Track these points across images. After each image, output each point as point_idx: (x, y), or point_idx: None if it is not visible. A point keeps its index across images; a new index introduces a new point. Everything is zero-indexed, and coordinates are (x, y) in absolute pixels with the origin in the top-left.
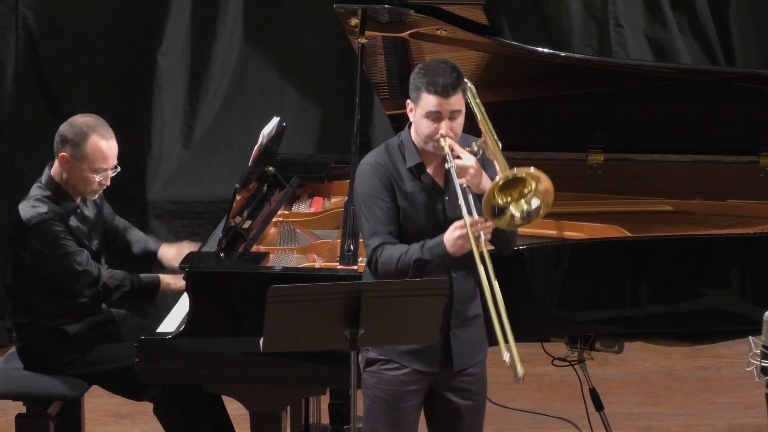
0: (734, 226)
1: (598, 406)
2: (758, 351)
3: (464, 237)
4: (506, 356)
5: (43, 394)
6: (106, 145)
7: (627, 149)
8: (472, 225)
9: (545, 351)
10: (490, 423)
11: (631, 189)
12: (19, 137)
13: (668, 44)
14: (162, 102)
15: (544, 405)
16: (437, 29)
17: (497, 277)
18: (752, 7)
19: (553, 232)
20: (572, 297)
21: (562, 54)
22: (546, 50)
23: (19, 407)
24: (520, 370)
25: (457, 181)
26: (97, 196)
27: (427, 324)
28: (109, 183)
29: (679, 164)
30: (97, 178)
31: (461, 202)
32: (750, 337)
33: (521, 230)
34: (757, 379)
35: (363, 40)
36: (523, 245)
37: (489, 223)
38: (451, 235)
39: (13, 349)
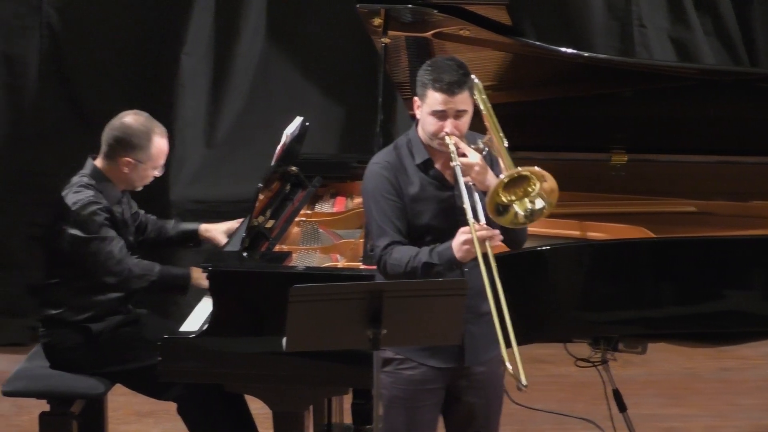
0: (757, 227)
1: (622, 407)
2: None
3: (471, 242)
4: (509, 366)
5: (66, 393)
6: (165, 143)
7: (650, 150)
8: (478, 231)
9: (568, 352)
10: (512, 423)
11: (654, 190)
12: (41, 136)
13: (691, 45)
14: (185, 101)
15: (567, 406)
16: (460, 29)
17: (519, 276)
18: None
19: (576, 233)
20: (595, 298)
21: (586, 54)
22: (569, 50)
23: (43, 405)
24: (523, 379)
25: (461, 180)
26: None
27: (450, 324)
28: (161, 174)
29: (703, 165)
30: (157, 173)
31: (466, 204)
32: None
33: (545, 231)
34: None
35: (386, 40)
36: (545, 246)
37: (496, 232)
38: (458, 240)
39: (36, 347)
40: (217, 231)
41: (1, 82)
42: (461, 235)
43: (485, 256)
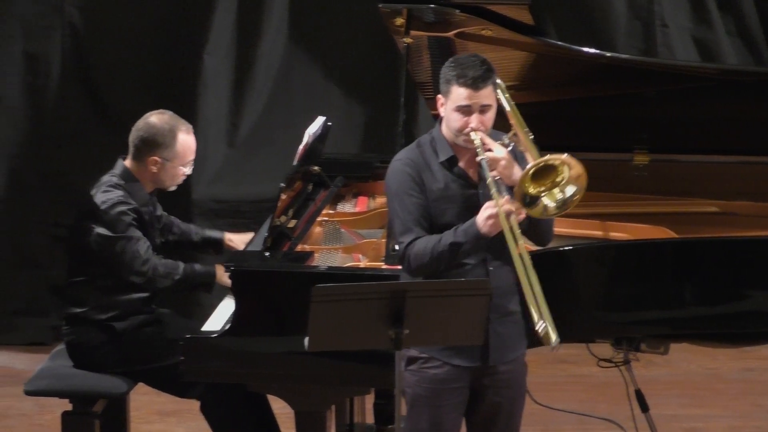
0: None
1: (644, 407)
2: None
3: (495, 215)
4: (539, 326)
5: (89, 392)
6: (191, 139)
7: (673, 150)
8: (503, 204)
9: (590, 352)
10: (534, 423)
11: (676, 190)
12: (63, 136)
13: (714, 45)
14: (207, 101)
15: (589, 406)
16: (483, 29)
17: (542, 276)
18: None
19: (598, 233)
20: (617, 298)
21: (608, 54)
22: (591, 50)
23: (65, 405)
24: (554, 336)
25: (488, 175)
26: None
27: (472, 324)
28: (191, 171)
29: (725, 165)
30: (186, 171)
31: (493, 190)
32: None
33: (567, 231)
34: None
35: (408, 40)
36: (568, 246)
37: (518, 205)
38: (482, 214)
39: (59, 347)
40: (241, 242)
41: (23, 82)
42: (485, 210)
43: (510, 230)
